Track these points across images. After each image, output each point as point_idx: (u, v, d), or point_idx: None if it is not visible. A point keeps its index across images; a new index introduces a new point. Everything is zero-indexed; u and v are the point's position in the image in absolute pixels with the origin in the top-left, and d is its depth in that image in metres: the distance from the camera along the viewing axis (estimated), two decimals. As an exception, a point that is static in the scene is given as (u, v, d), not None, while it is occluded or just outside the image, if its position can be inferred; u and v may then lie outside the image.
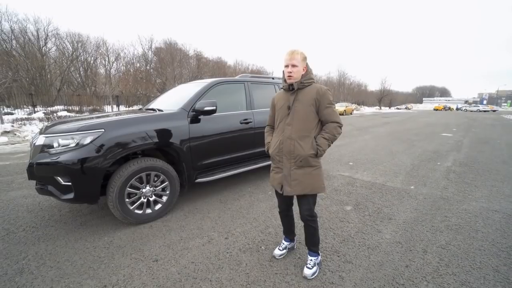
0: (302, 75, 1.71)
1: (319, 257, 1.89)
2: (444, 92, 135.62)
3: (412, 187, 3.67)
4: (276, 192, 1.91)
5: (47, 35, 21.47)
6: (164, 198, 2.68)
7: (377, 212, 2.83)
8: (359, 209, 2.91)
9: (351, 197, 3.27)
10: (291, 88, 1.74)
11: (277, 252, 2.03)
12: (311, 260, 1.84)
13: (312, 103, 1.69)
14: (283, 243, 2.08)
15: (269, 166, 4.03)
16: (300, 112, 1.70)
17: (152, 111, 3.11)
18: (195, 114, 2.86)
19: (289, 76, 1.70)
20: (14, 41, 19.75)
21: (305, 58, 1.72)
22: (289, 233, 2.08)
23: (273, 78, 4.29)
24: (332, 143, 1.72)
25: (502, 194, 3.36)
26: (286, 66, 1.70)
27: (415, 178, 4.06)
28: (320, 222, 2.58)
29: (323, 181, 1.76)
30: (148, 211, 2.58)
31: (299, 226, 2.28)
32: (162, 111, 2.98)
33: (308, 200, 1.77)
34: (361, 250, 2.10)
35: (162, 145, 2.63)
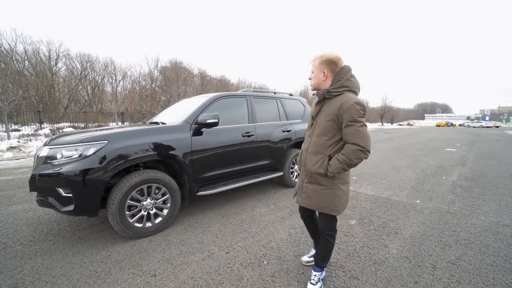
0: (332, 80, 1.54)
1: (324, 272, 1.80)
2: (445, 109, 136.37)
3: (418, 201, 3.58)
4: None
5: (58, 55, 22.47)
6: (165, 211, 2.64)
7: (382, 226, 2.75)
8: (364, 223, 2.83)
9: (355, 211, 3.19)
10: (318, 97, 1.61)
11: (304, 258, 2.01)
12: (315, 275, 1.76)
13: (333, 118, 1.49)
14: (312, 250, 2.03)
15: (271, 180, 4.03)
16: (320, 125, 1.57)
17: (155, 124, 3.16)
18: (198, 127, 2.90)
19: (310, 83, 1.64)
20: (26, 62, 20.66)
21: (323, 62, 1.53)
22: (314, 239, 2.00)
23: (275, 93, 4.38)
24: (348, 167, 1.47)
25: (511, 209, 3.26)
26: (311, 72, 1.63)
27: (420, 192, 3.98)
28: (324, 236, 2.50)
29: (335, 203, 1.58)
30: (148, 224, 2.53)
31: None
32: (165, 124, 3.03)
33: (322, 216, 1.68)
34: (367, 266, 2.01)
35: (164, 157, 2.64)
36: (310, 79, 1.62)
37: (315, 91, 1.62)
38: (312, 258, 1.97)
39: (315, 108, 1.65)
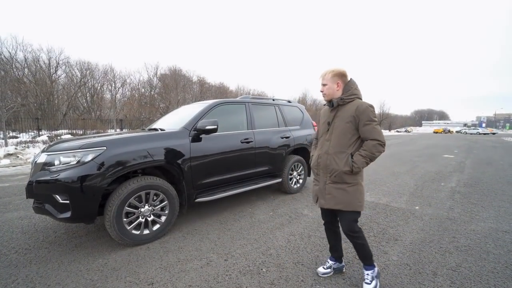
0: (342, 90, 1.76)
1: (376, 268, 1.80)
2: (442, 116, 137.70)
3: (417, 207, 3.58)
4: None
5: (58, 63, 22.62)
6: (163, 218, 2.61)
7: (382, 233, 2.73)
8: (363, 230, 2.80)
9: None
10: (331, 105, 1.79)
11: (320, 270, 1.97)
12: (367, 274, 1.76)
13: (351, 120, 1.70)
14: (328, 262, 2.01)
15: (270, 186, 4.01)
16: (338, 128, 1.74)
17: (154, 130, 3.16)
18: (197, 133, 2.90)
19: (323, 94, 1.81)
20: (26, 69, 20.76)
21: (336, 75, 1.75)
22: (333, 251, 2.00)
23: (273, 100, 4.41)
24: (370, 161, 1.67)
25: (510, 215, 3.26)
26: (322, 85, 1.81)
27: (419, 199, 3.98)
28: (324, 243, 2.48)
29: (359, 199, 1.72)
30: (146, 231, 2.50)
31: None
32: (164, 130, 3.03)
33: (345, 216, 1.74)
34: (367, 273, 1.99)
35: (163, 164, 2.64)
36: (322, 91, 1.80)
37: (329, 100, 1.80)
38: (329, 270, 1.96)
39: (330, 115, 1.82)
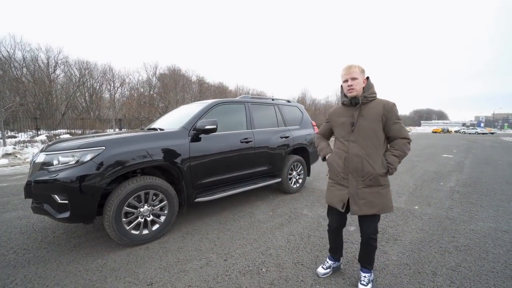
0: (364, 88, 1.66)
1: (372, 274, 1.81)
2: (441, 115, 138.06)
3: (416, 207, 3.58)
4: (330, 209, 1.86)
5: (57, 62, 22.53)
6: (162, 218, 2.61)
7: (381, 232, 2.73)
8: (363, 229, 2.81)
9: (354, 218, 3.17)
10: (353, 103, 1.67)
11: (320, 270, 1.92)
12: (365, 276, 1.76)
13: (379, 119, 1.62)
14: (327, 262, 1.97)
15: (269, 186, 4.00)
16: (366, 128, 1.64)
17: (153, 130, 3.15)
18: (196, 133, 2.89)
19: (350, 89, 1.64)
20: (24, 69, 20.68)
21: (363, 71, 1.67)
22: (335, 252, 1.96)
23: (273, 100, 4.41)
24: (401, 160, 1.64)
25: (509, 214, 3.26)
26: (345, 81, 1.66)
27: (418, 198, 3.98)
28: (323, 243, 2.48)
29: (391, 200, 1.69)
30: (145, 231, 2.50)
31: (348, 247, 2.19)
32: (163, 130, 3.02)
33: (374, 220, 1.70)
34: (367, 273, 1.99)
35: (162, 163, 2.63)
36: (351, 85, 1.64)
37: (353, 97, 1.67)
38: (328, 270, 1.93)
39: (351, 114, 1.69)
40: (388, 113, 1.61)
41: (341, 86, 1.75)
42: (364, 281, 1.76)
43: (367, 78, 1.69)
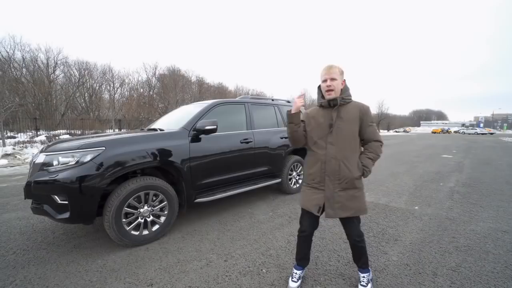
0: (341, 90, 1.64)
1: (371, 273, 1.80)
2: (440, 116, 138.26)
3: (416, 207, 3.58)
4: (304, 214, 1.79)
5: (56, 63, 22.53)
6: (162, 219, 2.60)
7: (382, 233, 2.73)
8: (363, 230, 2.80)
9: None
10: (331, 105, 1.64)
11: (292, 285, 1.78)
12: (364, 277, 1.75)
13: (357, 121, 1.62)
14: (296, 273, 1.82)
15: (269, 186, 4.00)
16: (344, 130, 1.62)
17: (153, 131, 3.15)
18: (196, 133, 2.89)
19: (329, 90, 1.61)
20: (24, 69, 20.67)
21: (342, 72, 1.65)
22: (303, 260, 1.86)
23: (272, 100, 4.41)
24: (375, 163, 1.65)
25: (509, 215, 3.26)
26: (324, 80, 1.63)
27: (419, 199, 3.98)
28: (324, 243, 2.48)
29: (365, 202, 1.69)
30: (145, 232, 2.49)
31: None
32: (163, 130, 3.02)
33: (354, 223, 1.69)
34: (367, 273, 1.99)
35: (163, 164, 2.63)
36: (330, 86, 1.61)
37: (332, 99, 1.63)
38: (299, 282, 1.81)
39: (329, 116, 1.65)
40: (364, 115, 1.63)
41: (318, 87, 1.73)
42: (363, 281, 1.75)
43: (344, 80, 1.68)
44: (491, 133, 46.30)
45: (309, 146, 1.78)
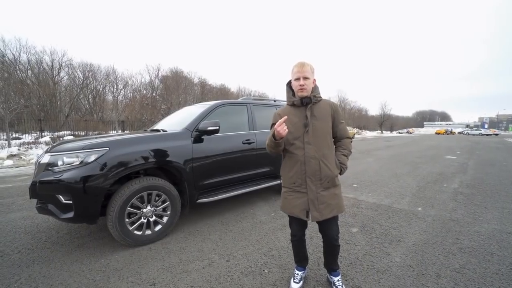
0: (312, 88, 1.63)
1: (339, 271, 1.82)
2: (444, 117, 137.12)
3: (419, 208, 3.56)
4: (292, 220, 1.75)
5: (61, 65, 22.79)
6: (165, 219, 2.62)
7: (384, 234, 2.72)
8: (366, 231, 2.80)
9: (356, 219, 3.16)
10: (304, 103, 1.61)
11: (294, 286, 1.77)
12: (338, 280, 1.75)
13: (329, 118, 1.63)
14: (298, 274, 1.83)
15: (271, 187, 3.99)
16: (319, 129, 1.59)
17: (156, 131, 3.18)
18: (199, 134, 2.91)
19: (301, 89, 1.57)
20: (29, 71, 20.94)
21: (314, 71, 1.63)
22: (303, 261, 1.87)
23: (274, 101, 4.42)
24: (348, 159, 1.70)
25: (514, 216, 3.23)
26: (297, 79, 1.58)
27: (422, 200, 3.95)
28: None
29: (342, 198, 1.70)
30: (148, 232, 2.51)
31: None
32: (166, 131, 3.04)
33: (334, 221, 1.68)
34: (370, 274, 1.98)
35: (165, 164, 2.64)
36: (302, 85, 1.57)
37: (304, 97, 1.61)
38: (301, 282, 1.81)
39: (302, 115, 1.61)
40: (335, 113, 1.65)
41: (287, 85, 1.70)
42: (339, 285, 1.73)
43: (315, 79, 1.66)
44: (496, 134, 45.80)
45: (285, 148, 1.69)
